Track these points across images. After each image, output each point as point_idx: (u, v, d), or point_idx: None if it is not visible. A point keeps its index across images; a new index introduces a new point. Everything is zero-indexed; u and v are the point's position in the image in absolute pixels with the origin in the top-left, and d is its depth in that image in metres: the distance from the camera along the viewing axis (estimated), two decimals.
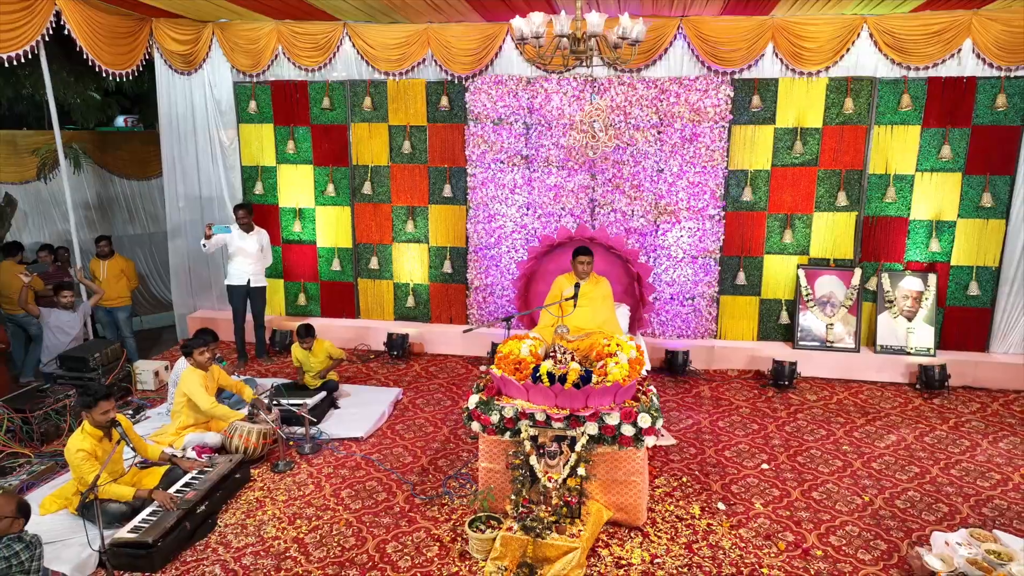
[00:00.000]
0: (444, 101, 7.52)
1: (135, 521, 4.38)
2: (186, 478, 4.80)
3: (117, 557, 4.16)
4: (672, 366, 7.23)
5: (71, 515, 4.60)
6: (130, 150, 11.35)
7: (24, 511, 3.51)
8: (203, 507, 4.60)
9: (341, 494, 5.03)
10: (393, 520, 4.71)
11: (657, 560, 4.27)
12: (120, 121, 14.78)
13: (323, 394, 6.23)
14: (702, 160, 7.18)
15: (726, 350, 7.42)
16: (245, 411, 5.62)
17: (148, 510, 4.47)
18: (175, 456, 5.01)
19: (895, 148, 6.93)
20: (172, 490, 4.67)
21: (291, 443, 5.66)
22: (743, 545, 4.43)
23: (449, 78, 7.44)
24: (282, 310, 8.37)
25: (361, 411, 6.20)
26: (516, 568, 4.12)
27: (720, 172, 7.20)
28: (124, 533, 4.25)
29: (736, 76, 7.00)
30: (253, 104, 7.86)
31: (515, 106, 7.40)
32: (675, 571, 4.17)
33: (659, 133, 7.20)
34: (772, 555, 4.33)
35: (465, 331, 5.43)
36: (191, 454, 5.25)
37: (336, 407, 6.30)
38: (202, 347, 5.41)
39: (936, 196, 6.96)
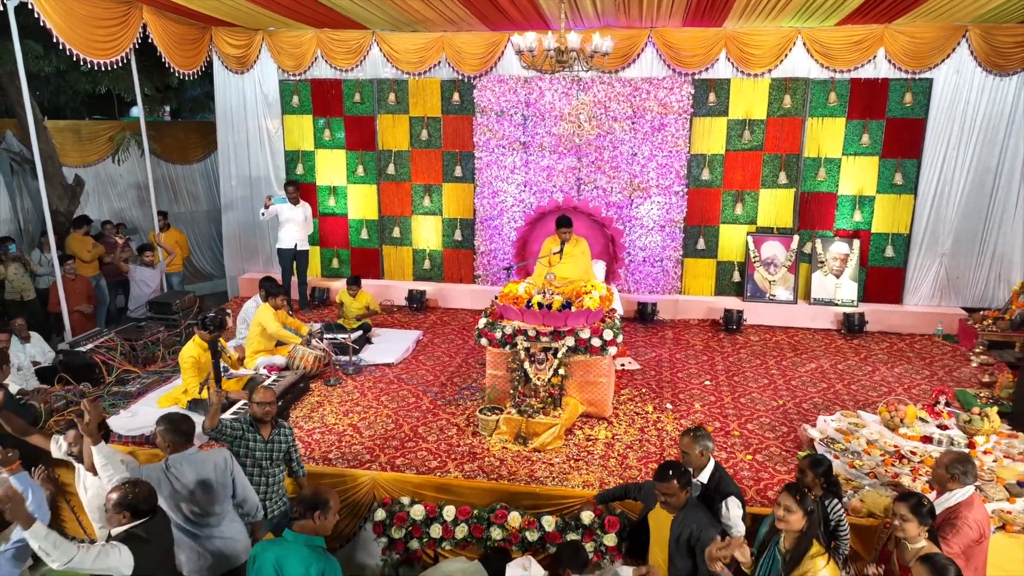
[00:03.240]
0: (456, 96, 9.05)
1: (229, 413, 5.94)
2: (268, 382, 6.37)
3: (220, 435, 5.71)
4: (643, 316, 8.77)
5: (180, 409, 6.16)
6: (174, 137, 12.83)
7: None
8: (279, 402, 6.14)
9: (381, 399, 6.60)
10: (421, 414, 6.28)
11: (616, 437, 5.83)
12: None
13: (360, 332, 7.79)
14: (668, 146, 8.71)
15: (688, 303, 8.97)
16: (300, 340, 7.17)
17: (239, 404, 6.04)
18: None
19: (825, 136, 8.46)
20: None
21: (338, 366, 7.22)
22: (681, 429, 5.97)
23: (460, 77, 8.96)
24: (318, 272, 9.92)
25: (391, 345, 7.76)
26: (513, 439, 5.69)
27: (683, 156, 8.73)
28: (226, 416, 5.82)
29: (696, 77, 8.51)
30: (295, 98, 9.39)
31: (515, 101, 8.92)
32: (629, 443, 5.73)
33: (633, 123, 8.72)
34: None
35: (476, 276, 6.96)
36: (263, 371, 6.81)
37: (371, 342, 7.87)
38: (282, 294, 6.99)
39: (859, 175, 8.48)
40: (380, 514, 4.77)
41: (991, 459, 4.96)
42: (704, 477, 4.00)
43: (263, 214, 8.63)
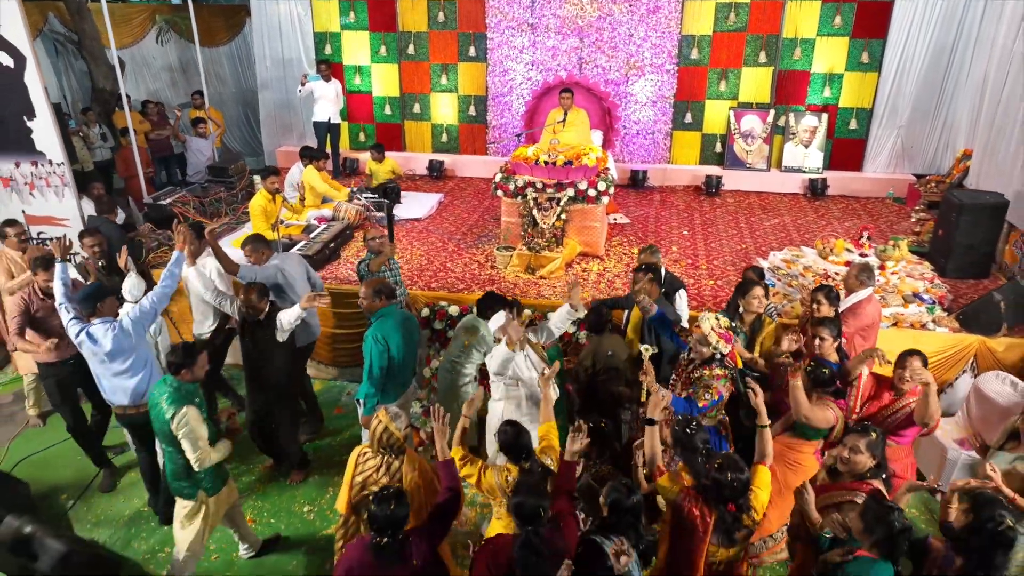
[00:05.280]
0: None
1: (295, 249, 7.32)
2: (320, 228, 7.74)
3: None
4: (635, 182, 10.01)
5: None
6: (201, 20, 13.59)
7: None
8: (332, 244, 7.55)
9: (413, 243, 7.97)
10: (448, 255, 7.66)
11: (607, 269, 7.24)
12: None
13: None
14: (662, 27, 9.65)
15: (676, 171, 10.19)
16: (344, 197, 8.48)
17: (300, 243, 7.42)
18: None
19: (802, 18, 9.38)
20: (312, 235, 7.61)
21: (375, 220, 8.55)
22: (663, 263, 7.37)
23: None
24: (347, 145, 11.09)
25: (417, 204, 9.06)
26: (524, 270, 7.10)
27: (675, 36, 9.69)
28: (293, 250, 7.21)
29: None
30: None
31: None
32: (616, 274, 7.14)
33: (631, 6, 9.62)
34: (679, 268, 7.29)
35: (490, 146, 8.15)
36: (314, 222, 8.15)
37: (400, 202, 9.16)
38: (324, 157, 8.21)
39: (830, 55, 9.48)
40: (425, 311, 6.25)
41: (896, 278, 6.36)
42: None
43: (300, 91, 9.71)
